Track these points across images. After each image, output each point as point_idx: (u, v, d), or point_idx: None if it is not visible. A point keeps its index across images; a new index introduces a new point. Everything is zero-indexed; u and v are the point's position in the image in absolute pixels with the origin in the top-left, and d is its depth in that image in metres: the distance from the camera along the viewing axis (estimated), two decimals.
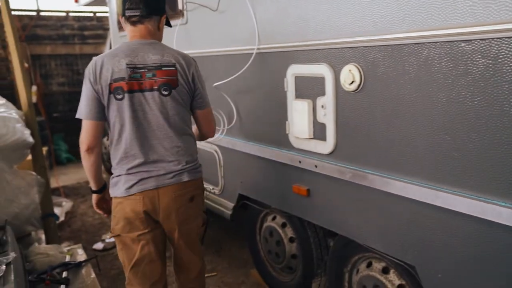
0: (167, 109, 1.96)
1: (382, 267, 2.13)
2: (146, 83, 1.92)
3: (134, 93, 1.92)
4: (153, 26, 2.01)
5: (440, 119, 1.61)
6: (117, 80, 1.89)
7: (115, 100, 1.92)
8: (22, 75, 3.67)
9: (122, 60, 1.91)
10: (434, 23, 1.57)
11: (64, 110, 7.91)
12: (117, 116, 1.94)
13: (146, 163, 1.96)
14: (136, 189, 1.95)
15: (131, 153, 1.96)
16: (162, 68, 1.93)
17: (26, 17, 7.45)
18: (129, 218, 1.97)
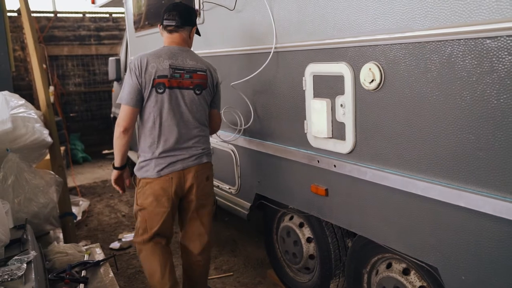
0: (197, 105, 2.39)
1: (402, 268, 2.10)
2: (184, 82, 2.35)
3: (173, 89, 2.33)
4: (186, 35, 2.45)
5: (464, 118, 1.58)
6: (160, 77, 2.29)
7: (156, 93, 2.30)
8: (40, 76, 3.72)
9: (166, 61, 2.32)
10: (458, 19, 1.54)
11: (80, 110, 8.01)
12: (155, 106, 2.31)
13: (175, 149, 2.35)
14: (167, 171, 2.34)
15: (163, 139, 2.34)
16: (197, 72, 2.38)
17: (44, 18, 7.55)
18: (157, 195, 2.36)
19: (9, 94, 3.44)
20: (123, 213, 4.84)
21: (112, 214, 4.83)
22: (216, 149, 3.23)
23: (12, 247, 2.27)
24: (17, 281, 1.93)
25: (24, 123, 3.24)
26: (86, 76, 7.98)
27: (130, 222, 4.55)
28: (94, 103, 8.10)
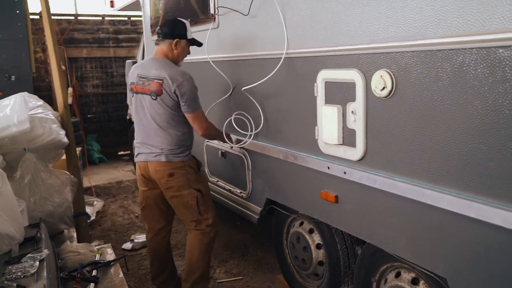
0: (155, 108, 2.68)
1: (411, 277, 2.08)
2: (144, 89, 2.70)
3: (138, 94, 2.76)
4: (166, 47, 2.74)
5: (475, 128, 1.56)
6: (131, 83, 2.81)
7: (132, 96, 2.85)
8: (59, 78, 3.79)
9: (137, 70, 2.78)
10: (470, 28, 1.53)
11: (97, 112, 8.13)
12: (133, 106, 2.86)
13: (142, 143, 2.79)
14: (136, 159, 2.87)
15: (136, 133, 2.85)
16: (154, 80, 2.65)
17: (65, 21, 7.70)
18: (137, 177, 2.93)
19: (28, 95, 3.52)
20: (136, 214, 4.89)
21: (125, 215, 4.89)
22: (228, 153, 3.25)
23: (26, 245, 2.32)
24: (30, 278, 1.97)
25: (41, 123, 3.31)
26: (103, 78, 8.10)
27: (142, 223, 4.59)
28: (111, 104, 8.21)
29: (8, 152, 3.15)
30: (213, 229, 2.88)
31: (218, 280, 3.33)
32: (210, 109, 3.24)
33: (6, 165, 3.07)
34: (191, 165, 2.80)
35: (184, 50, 2.78)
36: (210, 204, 2.89)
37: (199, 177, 2.85)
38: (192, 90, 2.64)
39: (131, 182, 6.25)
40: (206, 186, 2.90)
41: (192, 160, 2.84)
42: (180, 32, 2.72)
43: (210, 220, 2.84)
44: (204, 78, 3.39)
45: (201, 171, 2.93)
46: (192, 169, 2.80)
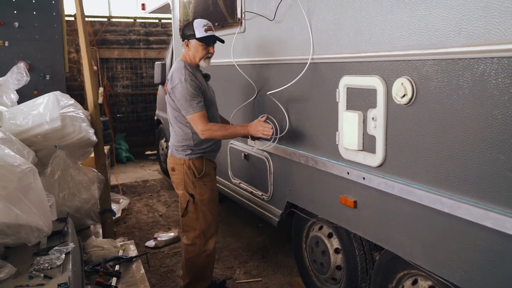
0: (167, 106, 2.86)
1: (428, 285, 2.07)
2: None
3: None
4: (184, 49, 2.83)
5: (494, 137, 1.56)
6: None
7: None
8: (90, 78, 3.92)
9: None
10: (492, 37, 1.52)
11: (127, 111, 8.32)
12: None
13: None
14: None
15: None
16: (167, 80, 2.79)
17: (98, 23, 7.93)
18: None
19: (60, 94, 3.65)
20: (160, 213, 4.99)
21: (150, 213, 5.00)
22: (251, 155, 3.29)
23: (53, 238, 2.42)
24: (56, 269, 2.06)
25: (72, 122, 3.43)
26: (133, 78, 8.30)
27: (166, 222, 4.69)
28: (140, 105, 8.40)
29: (40, 149, 3.28)
30: (198, 244, 2.84)
31: (238, 280, 3.38)
32: (236, 112, 3.29)
33: (37, 162, 3.19)
34: (192, 166, 2.79)
35: (197, 50, 2.75)
36: (204, 216, 2.83)
37: (197, 183, 2.80)
38: (184, 93, 2.63)
39: (156, 181, 6.37)
40: (204, 195, 2.82)
41: (197, 162, 2.80)
42: (188, 33, 2.75)
43: (196, 232, 2.82)
44: (230, 81, 3.45)
45: (206, 179, 2.84)
46: (191, 171, 2.79)
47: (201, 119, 2.66)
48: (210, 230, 2.88)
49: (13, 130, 3.14)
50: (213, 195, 2.90)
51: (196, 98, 2.64)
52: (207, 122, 2.68)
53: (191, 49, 2.76)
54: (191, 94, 2.63)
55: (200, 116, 2.66)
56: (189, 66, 2.73)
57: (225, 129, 2.76)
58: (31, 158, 2.92)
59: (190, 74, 2.67)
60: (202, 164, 2.81)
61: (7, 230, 2.14)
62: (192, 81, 2.65)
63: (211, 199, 2.87)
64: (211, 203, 2.87)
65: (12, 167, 2.25)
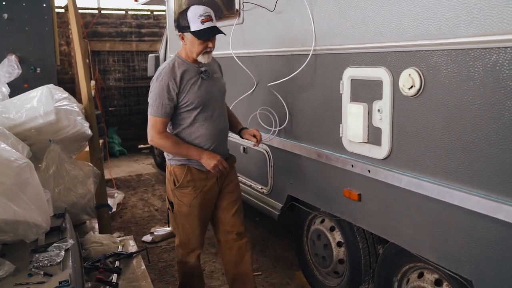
0: None
1: (434, 279, 2.06)
2: None
3: None
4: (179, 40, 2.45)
5: (506, 129, 1.53)
6: None
7: None
8: (83, 71, 3.85)
9: None
10: (504, 26, 1.49)
11: (119, 105, 8.22)
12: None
13: None
14: None
15: None
16: None
17: (89, 15, 7.80)
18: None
19: (54, 87, 3.57)
20: (156, 207, 4.94)
21: (145, 207, 4.94)
22: (250, 149, 3.25)
23: (51, 234, 2.37)
24: (56, 266, 2.02)
25: (66, 115, 3.36)
26: (126, 71, 8.19)
27: (162, 216, 4.64)
28: (132, 98, 8.30)
29: (34, 143, 3.21)
30: (180, 252, 2.62)
31: None
32: (235, 104, 3.24)
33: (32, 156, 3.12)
34: (172, 173, 2.49)
35: (193, 44, 2.36)
36: (182, 229, 2.56)
37: (176, 193, 2.49)
38: (155, 91, 2.36)
39: (150, 175, 6.31)
40: (181, 207, 2.50)
41: (177, 170, 2.47)
42: (183, 24, 2.35)
43: (178, 240, 2.63)
44: (228, 73, 3.39)
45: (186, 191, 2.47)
46: (171, 178, 2.50)
47: (155, 126, 2.37)
48: (190, 244, 2.58)
49: (5, 124, 3.06)
50: (192, 211, 2.49)
51: (160, 101, 2.34)
52: (161, 131, 2.38)
53: (186, 43, 2.38)
54: (157, 95, 2.34)
55: (156, 122, 2.37)
56: (180, 62, 2.41)
57: (177, 147, 2.40)
58: (26, 153, 2.85)
59: (170, 73, 2.35)
60: (183, 173, 2.45)
61: (5, 226, 2.09)
62: (165, 82, 2.33)
63: (190, 214, 2.50)
64: (191, 217, 2.51)
65: (8, 162, 2.19)
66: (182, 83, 2.37)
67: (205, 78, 2.45)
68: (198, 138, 2.43)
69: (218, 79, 2.57)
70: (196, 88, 2.40)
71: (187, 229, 2.54)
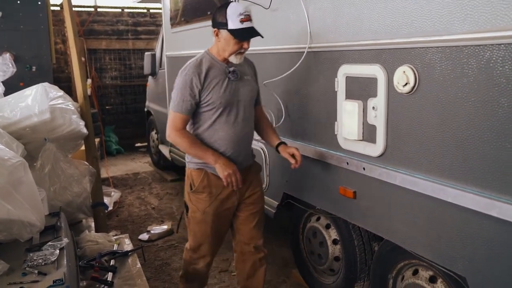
0: None
1: (429, 275, 2.06)
2: None
3: None
4: (212, 35, 2.29)
5: (500, 126, 1.53)
6: None
7: None
8: (79, 69, 3.83)
9: None
10: (498, 23, 1.49)
11: (115, 103, 8.20)
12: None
13: None
14: None
15: None
16: None
17: (85, 13, 7.77)
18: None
19: (49, 86, 3.56)
20: (152, 205, 4.93)
21: (142, 206, 4.94)
22: None
23: (46, 233, 2.36)
24: (50, 265, 2.01)
25: (62, 114, 3.35)
26: (122, 70, 8.17)
27: (159, 214, 4.64)
28: (129, 96, 8.28)
29: (29, 142, 3.20)
30: (189, 255, 2.47)
31: (234, 273, 3.34)
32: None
33: (26, 155, 3.11)
34: (190, 176, 2.38)
35: (228, 43, 2.21)
36: (194, 234, 2.43)
37: (192, 197, 2.37)
38: (178, 85, 2.25)
39: (147, 173, 6.30)
40: (195, 213, 2.37)
41: (194, 174, 2.34)
42: (219, 20, 2.20)
43: (188, 243, 2.49)
44: None
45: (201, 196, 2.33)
46: (188, 181, 2.38)
47: (174, 121, 2.26)
48: (200, 251, 2.45)
49: (0, 123, 3.05)
50: (206, 219, 2.36)
51: (181, 97, 2.22)
52: (179, 127, 2.26)
53: (221, 41, 2.23)
54: (180, 90, 2.23)
55: (175, 117, 2.25)
56: (208, 59, 2.28)
57: (194, 147, 2.27)
58: (21, 152, 2.84)
59: (195, 69, 2.23)
60: (199, 178, 2.32)
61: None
62: (188, 77, 2.21)
63: (203, 221, 2.37)
64: (203, 225, 2.38)
65: (2, 161, 2.18)
66: (207, 80, 2.23)
67: (233, 79, 2.29)
68: (217, 141, 2.28)
69: (248, 82, 2.38)
70: (220, 88, 2.25)
71: (198, 236, 2.42)
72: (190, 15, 4.08)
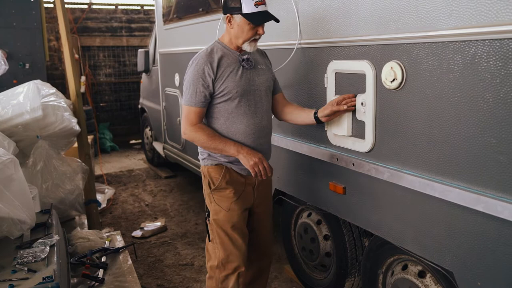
0: None
1: (418, 270, 2.08)
2: None
3: None
4: (224, 23, 2.16)
5: (485, 121, 1.54)
6: None
7: None
8: (72, 66, 3.82)
9: None
10: (483, 19, 1.50)
11: (110, 100, 8.19)
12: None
13: None
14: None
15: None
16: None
17: (79, 10, 7.74)
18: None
19: (41, 83, 3.55)
20: (146, 202, 4.94)
21: (136, 203, 4.94)
22: None
23: (37, 230, 2.37)
24: (40, 263, 2.02)
25: (54, 111, 3.34)
26: (116, 67, 8.15)
27: (152, 211, 4.64)
28: (123, 93, 8.27)
29: (21, 139, 3.20)
30: (215, 278, 2.22)
31: None
32: None
33: (19, 152, 3.11)
34: (207, 175, 2.20)
35: (242, 29, 2.07)
36: (221, 241, 2.19)
37: (214, 196, 2.18)
38: (189, 77, 2.10)
39: (142, 170, 6.30)
40: (218, 214, 2.18)
41: (212, 171, 2.17)
42: (232, 5, 2.05)
43: (215, 261, 2.21)
44: None
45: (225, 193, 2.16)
46: (206, 181, 2.21)
47: (188, 116, 2.10)
48: (231, 262, 2.17)
49: None
50: (232, 217, 2.16)
51: (194, 89, 2.07)
52: (194, 122, 2.10)
53: (234, 27, 2.08)
54: (192, 82, 2.08)
55: (189, 112, 2.10)
56: (219, 48, 2.14)
57: (212, 140, 2.09)
58: (12, 149, 2.84)
59: (206, 58, 2.08)
60: (220, 174, 2.15)
61: None
62: (200, 67, 2.07)
63: (228, 221, 2.17)
64: (229, 226, 2.17)
65: None
66: (220, 69, 2.08)
67: (247, 67, 2.14)
68: (235, 135, 2.13)
69: (263, 71, 2.23)
70: (235, 76, 2.10)
71: (226, 242, 2.17)
72: (183, 12, 4.07)
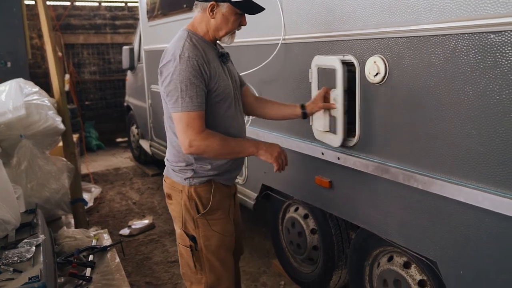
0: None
1: (403, 261, 2.11)
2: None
3: None
4: (199, 15, 1.85)
5: (466, 113, 1.57)
6: None
7: None
8: (55, 64, 3.78)
9: None
10: (462, 13, 1.52)
11: (95, 98, 8.11)
12: None
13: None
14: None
15: None
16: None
17: (61, 7, 7.64)
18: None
19: (23, 81, 3.52)
20: (133, 200, 4.91)
21: (123, 201, 4.91)
22: None
23: (22, 230, 2.35)
24: (26, 263, 2.00)
25: (37, 110, 3.31)
26: (101, 64, 8.07)
27: (140, 209, 4.62)
28: (108, 91, 8.20)
29: (4, 139, 3.16)
30: None
31: None
32: None
33: (2, 152, 3.08)
34: (194, 196, 1.86)
35: (227, 19, 1.81)
36: (211, 268, 1.92)
37: (201, 221, 1.88)
38: (182, 76, 1.70)
39: (128, 168, 6.27)
40: (211, 239, 1.90)
41: (201, 191, 1.86)
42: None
43: (200, 285, 1.94)
44: None
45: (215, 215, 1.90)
46: (192, 203, 1.87)
47: (192, 124, 1.72)
48: (222, 285, 1.95)
49: None
50: (225, 240, 1.93)
51: (193, 88, 1.70)
52: (201, 128, 1.73)
53: (216, 17, 1.80)
54: (188, 80, 1.70)
55: (193, 118, 1.71)
56: (197, 39, 1.82)
57: (227, 144, 1.79)
58: None
59: (194, 49, 1.75)
60: (210, 193, 1.87)
61: None
62: (194, 62, 1.71)
63: (222, 245, 1.93)
64: (222, 250, 1.93)
65: None
66: (210, 66, 1.79)
67: (225, 63, 1.94)
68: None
69: (233, 67, 2.06)
70: (223, 74, 1.86)
71: (217, 267, 1.93)
72: (167, 8, 4.04)
